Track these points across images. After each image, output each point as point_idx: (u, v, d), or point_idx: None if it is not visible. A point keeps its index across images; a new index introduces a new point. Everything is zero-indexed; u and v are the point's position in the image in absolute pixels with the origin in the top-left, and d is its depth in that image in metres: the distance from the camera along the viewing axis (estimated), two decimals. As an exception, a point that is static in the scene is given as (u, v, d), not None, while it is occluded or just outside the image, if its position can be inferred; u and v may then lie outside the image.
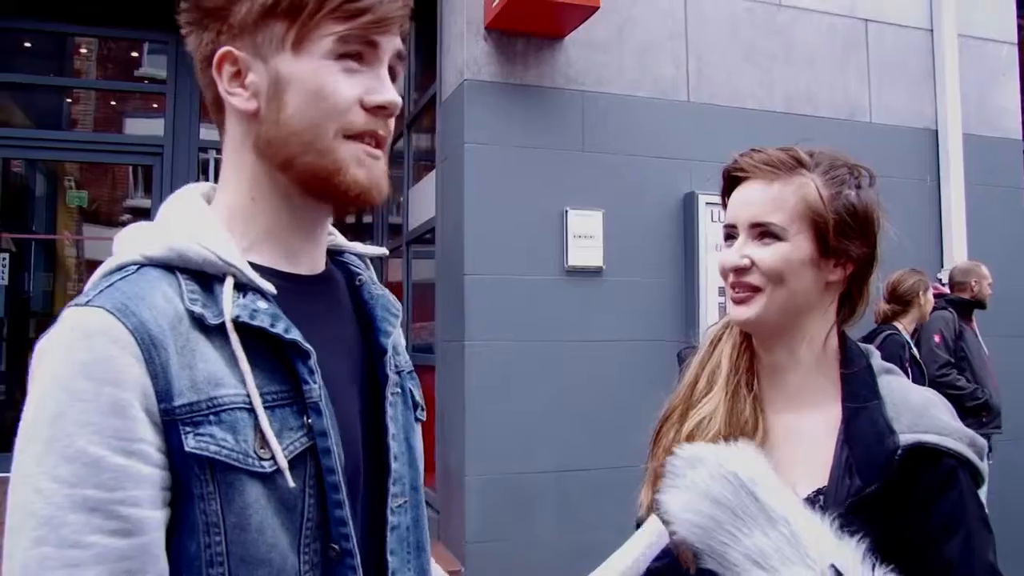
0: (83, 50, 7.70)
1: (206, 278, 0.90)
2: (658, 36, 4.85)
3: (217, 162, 7.28)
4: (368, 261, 1.16)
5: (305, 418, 0.89)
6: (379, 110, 0.95)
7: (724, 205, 1.37)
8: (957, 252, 5.28)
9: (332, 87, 0.93)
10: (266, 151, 0.95)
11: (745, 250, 1.26)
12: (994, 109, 5.71)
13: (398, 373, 1.07)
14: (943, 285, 5.10)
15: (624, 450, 4.52)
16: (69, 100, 7.59)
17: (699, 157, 4.77)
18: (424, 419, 1.13)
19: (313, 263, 1.02)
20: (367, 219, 7.17)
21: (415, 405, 1.11)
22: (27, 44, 6.99)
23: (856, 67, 5.34)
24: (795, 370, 1.29)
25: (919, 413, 1.18)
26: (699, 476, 1.09)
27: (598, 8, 4.28)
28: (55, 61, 7.59)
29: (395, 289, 6.44)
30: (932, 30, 5.53)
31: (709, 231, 4.66)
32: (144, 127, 7.52)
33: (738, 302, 1.27)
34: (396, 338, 1.08)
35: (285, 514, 0.87)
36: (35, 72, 7.17)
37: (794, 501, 1.08)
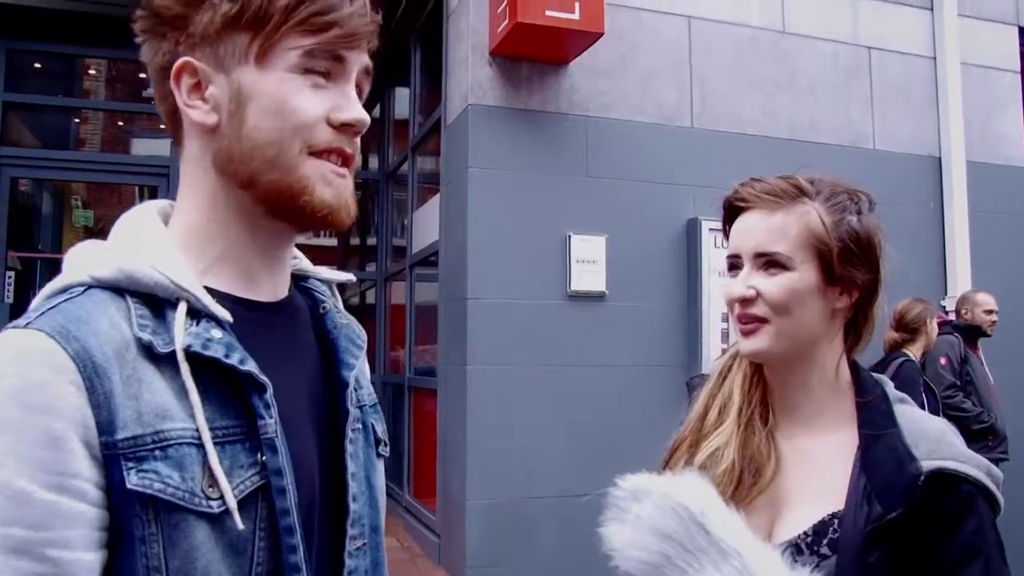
0: (92, 71, 7.76)
1: (157, 303, 0.83)
2: (661, 63, 4.87)
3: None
4: (335, 287, 1.08)
5: (259, 455, 0.83)
6: (346, 127, 0.91)
7: (726, 235, 1.36)
8: (961, 279, 5.28)
9: (297, 102, 0.88)
10: (227, 167, 0.89)
11: (750, 281, 1.24)
12: (997, 136, 5.72)
13: (360, 407, 1.01)
14: (946, 313, 5.10)
15: (626, 474, 4.51)
16: (77, 120, 7.64)
17: (702, 183, 4.78)
18: (387, 455, 1.07)
19: (275, 289, 0.96)
20: (371, 241, 7.20)
21: (377, 441, 1.04)
22: (37, 65, 7.04)
23: (859, 94, 5.36)
24: (808, 398, 1.28)
25: (937, 440, 1.18)
26: (645, 509, 1.06)
27: (602, 35, 4.31)
28: (64, 82, 7.65)
29: (398, 311, 6.46)
30: (935, 58, 5.56)
31: (712, 256, 4.67)
32: (151, 147, 7.56)
33: (745, 334, 1.26)
34: (359, 370, 1.02)
35: (233, 558, 0.80)
36: (44, 92, 7.23)
37: (746, 533, 1.05)
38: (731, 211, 1.33)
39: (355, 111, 0.91)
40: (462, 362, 4.38)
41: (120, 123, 7.85)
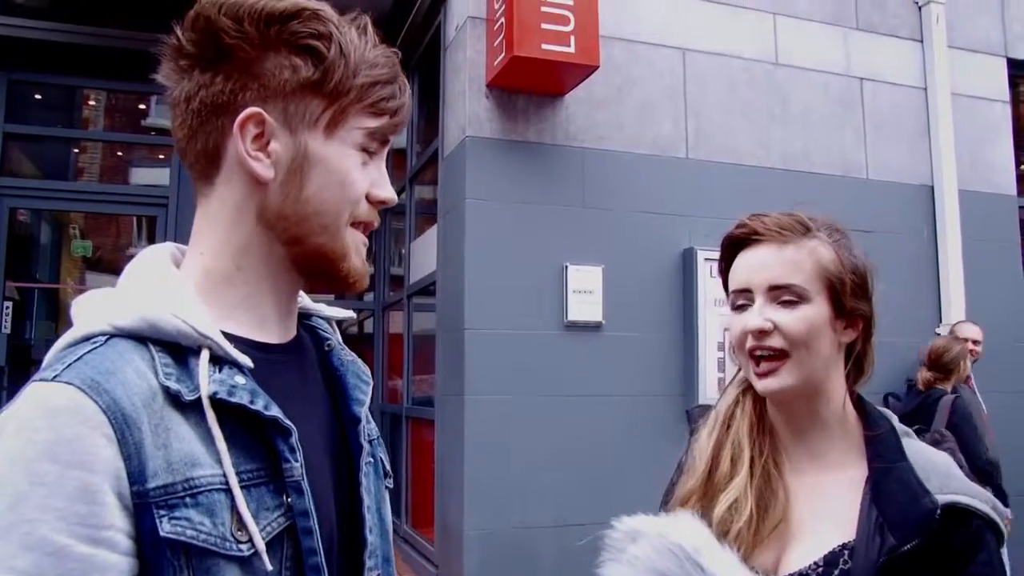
0: (91, 102, 7.80)
1: (180, 350, 0.84)
2: (657, 94, 4.93)
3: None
4: (334, 323, 1.12)
5: (284, 497, 0.85)
6: (380, 203, 0.97)
7: (723, 271, 1.37)
8: (955, 308, 5.31)
9: (355, 177, 0.93)
10: (276, 223, 0.92)
11: (767, 313, 1.25)
12: (988, 165, 5.78)
13: (369, 442, 1.04)
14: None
15: (623, 505, 4.49)
16: (76, 150, 7.67)
17: (698, 213, 4.83)
18: (392, 487, 1.10)
19: (285, 331, 0.99)
20: (369, 270, 7.21)
21: (385, 474, 1.08)
22: (37, 96, 7.09)
23: (852, 124, 5.43)
24: (818, 432, 1.29)
25: (947, 475, 1.21)
26: (641, 550, 1.08)
27: (598, 67, 4.37)
28: (63, 112, 7.69)
29: (396, 341, 6.47)
30: (926, 88, 5.63)
31: (708, 287, 4.70)
32: (150, 177, 7.59)
33: (764, 374, 1.26)
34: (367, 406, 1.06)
35: None
36: (43, 123, 7.27)
37: (740, 569, 1.08)
38: (733, 247, 1.35)
39: (389, 190, 0.97)
40: (460, 392, 4.40)
41: (119, 153, 7.88)
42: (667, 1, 5.04)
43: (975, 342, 4.88)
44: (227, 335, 0.88)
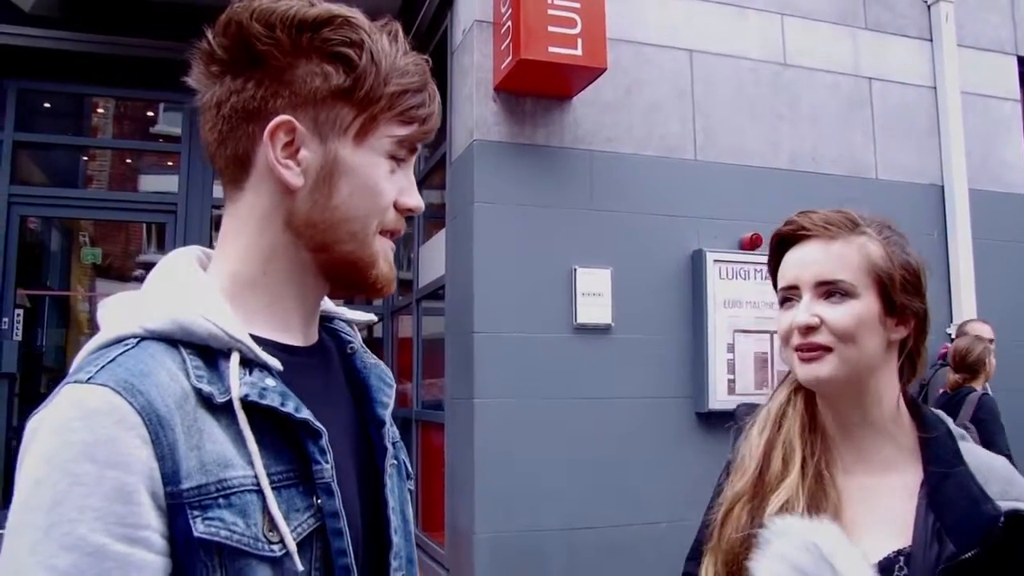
0: (100, 110, 7.84)
1: (210, 353, 0.85)
2: (665, 96, 4.92)
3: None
4: (356, 327, 1.12)
5: (314, 498, 0.86)
6: (407, 211, 0.97)
7: (772, 269, 1.37)
8: (966, 307, 5.28)
9: (384, 185, 0.94)
10: (304, 231, 0.92)
11: (814, 309, 1.25)
12: (999, 164, 5.75)
13: (392, 444, 1.04)
14: (952, 342, 5.10)
15: (634, 507, 4.52)
16: (85, 158, 7.72)
17: (707, 215, 4.82)
18: (413, 489, 1.11)
19: (308, 334, 1.00)
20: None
21: (408, 475, 1.09)
22: (46, 104, 7.13)
23: (861, 124, 5.41)
24: (869, 432, 1.28)
25: (1009, 481, 1.19)
26: (785, 546, 1.10)
27: (605, 70, 4.36)
28: (72, 120, 7.74)
29: (405, 345, 6.47)
30: (935, 87, 5.60)
31: (717, 288, 4.69)
32: (159, 184, 7.62)
33: (807, 360, 1.25)
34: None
35: None
36: (53, 131, 7.31)
37: (869, 573, 1.08)
38: (781, 245, 1.34)
39: (417, 198, 0.98)
40: (469, 395, 4.39)
41: (128, 160, 7.92)
42: (674, 3, 5.03)
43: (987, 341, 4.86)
44: (254, 338, 0.88)
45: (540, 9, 4.17)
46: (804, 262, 1.29)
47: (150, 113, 7.82)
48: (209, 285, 0.91)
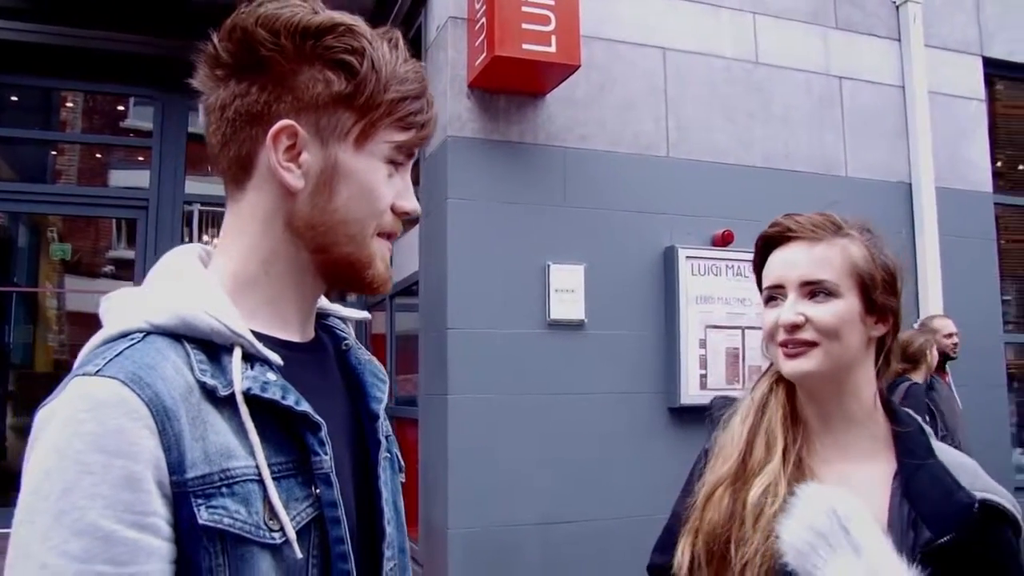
0: (69, 104, 7.75)
1: (213, 347, 0.88)
2: (638, 93, 4.95)
3: (201, 215, 7.31)
4: (350, 323, 1.16)
5: (313, 488, 0.90)
6: (403, 214, 1.01)
7: (757, 270, 1.43)
8: (933, 303, 5.37)
9: (382, 190, 0.97)
10: (304, 232, 0.96)
11: (799, 308, 1.31)
12: (964, 163, 5.84)
13: (385, 438, 1.08)
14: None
15: (607, 502, 4.55)
16: (54, 152, 7.63)
17: (679, 211, 4.86)
18: (405, 481, 1.15)
19: (305, 331, 1.03)
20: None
21: (400, 468, 1.13)
22: (14, 98, 7.04)
23: (832, 122, 5.47)
24: (847, 424, 1.34)
25: (975, 475, 1.26)
26: (807, 510, 1.18)
27: (579, 67, 4.38)
28: (41, 114, 7.64)
29: (379, 341, 6.46)
30: (904, 87, 5.68)
31: (689, 284, 4.73)
32: (129, 179, 7.55)
33: (792, 356, 1.31)
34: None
35: None
36: (21, 125, 7.21)
37: (881, 540, 1.15)
38: (767, 245, 1.41)
39: (413, 202, 1.02)
40: (443, 391, 4.40)
41: (98, 155, 7.84)
42: (648, 1, 5.06)
43: (948, 335, 4.94)
44: (255, 333, 0.91)
45: (514, 6, 4.18)
46: (789, 262, 1.35)
47: (120, 107, 7.74)
48: (212, 282, 0.93)
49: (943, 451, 1.31)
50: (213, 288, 0.92)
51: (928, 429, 1.36)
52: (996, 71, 6.25)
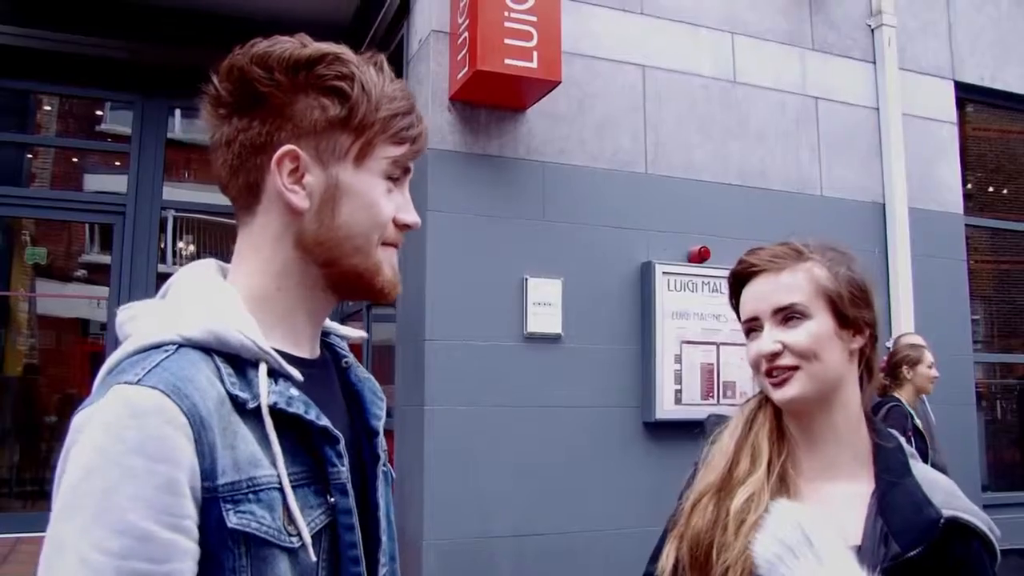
0: (45, 107, 7.68)
1: (239, 362, 0.94)
2: (617, 110, 5.00)
3: (176, 220, 7.26)
4: (347, 341, 1.22)
5: (327, 497, 0.97)
6: (405, 227, 1.07)
7: (734, 306, 1.50)
8: (905, 322, 5.44)
9: (382, 203, 1.03)
10: (313, 248, 1.01)
11: (775, 336, 1.38)
12: (936, 184, 5.95)
13: (382, 452, 1.15)
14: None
15: (582, 515, 4.56)
16: (29, 156, 7.55)
17: (656, 227, 4.90)
18: (393, 494, 1.20)
19: (313, 347, 1.09)
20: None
21: (393, 481, 1.20)
22: (-11, 100, 6.97)
23: (807, 142, 5.54)
24: (832, 439, 1.40)
25: (950, 493, 1.31)
26: (776, 524, 1.26)
27: (559, 83, 4.42)
28: (16, 117, 7.56)
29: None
30: (878, 109, 5.78)
31: (666, 299, 4.76)
32: (104, 183, 7.48)
33: (779, 383, 1.37)
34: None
35: None
36: (-4, 128, 7.14)
37: (843, 551, 1.21)
38: (737, 282, 1.48)
39: (414, 215, 1.08)
40: (420, 403, 4.40)
41: (74, 159, 7.77)
42: (628, 19, 5.11)
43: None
44: (275, 350, 0.97)
45: (497, 21, 4.21)
46: (759, 295, 1.42)
47: (98, 112, 7.69)
48: (237, 299, 0.99)
49: (921, 470, 1.36)
50: (239, 306, 0.98)
51: (909, 448, 1.41)
52: (967, 95, 6.37)
